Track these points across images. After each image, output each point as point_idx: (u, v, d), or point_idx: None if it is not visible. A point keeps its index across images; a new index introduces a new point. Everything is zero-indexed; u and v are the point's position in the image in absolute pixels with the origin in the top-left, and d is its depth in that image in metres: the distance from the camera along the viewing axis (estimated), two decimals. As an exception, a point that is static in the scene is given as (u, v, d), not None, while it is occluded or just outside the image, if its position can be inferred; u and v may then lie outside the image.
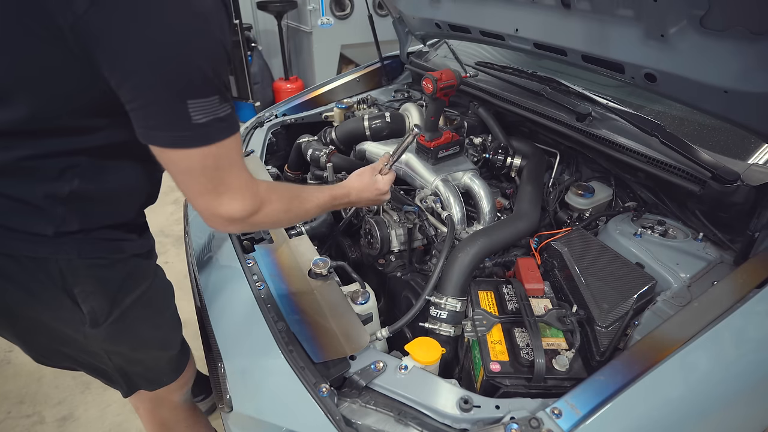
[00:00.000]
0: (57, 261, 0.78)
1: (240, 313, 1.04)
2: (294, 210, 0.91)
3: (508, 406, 0.77)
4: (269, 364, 0.91)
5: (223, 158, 0.71)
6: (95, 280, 0.82)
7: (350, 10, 4.08)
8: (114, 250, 0.84)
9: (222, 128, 0.69)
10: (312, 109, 2.00)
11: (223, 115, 0.68)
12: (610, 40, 1.19)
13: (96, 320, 0.85)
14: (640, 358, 0.78)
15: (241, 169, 0.75)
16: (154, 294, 0.96)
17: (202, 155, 0.68)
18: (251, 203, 0.77)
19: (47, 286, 0.79)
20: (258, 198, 0.78)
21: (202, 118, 0.65)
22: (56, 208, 0.76)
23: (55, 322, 0.85)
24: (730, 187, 1.06)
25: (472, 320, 0.95)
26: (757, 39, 0.91)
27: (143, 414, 1.23)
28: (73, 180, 0.75)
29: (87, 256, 0.80)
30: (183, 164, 0.70)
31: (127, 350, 0.96)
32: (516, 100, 1.56)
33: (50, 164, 0.73)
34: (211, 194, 0.73)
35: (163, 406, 1.20)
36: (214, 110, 0.67)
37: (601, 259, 1.07)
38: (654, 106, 1.45)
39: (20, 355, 2.12)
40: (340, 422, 0.77)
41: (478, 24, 1.59)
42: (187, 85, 0.64)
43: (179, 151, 0.68)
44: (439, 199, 1.32)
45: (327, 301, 1.01)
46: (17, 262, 0.76)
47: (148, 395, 1.12)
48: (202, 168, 0.70)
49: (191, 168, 0.70)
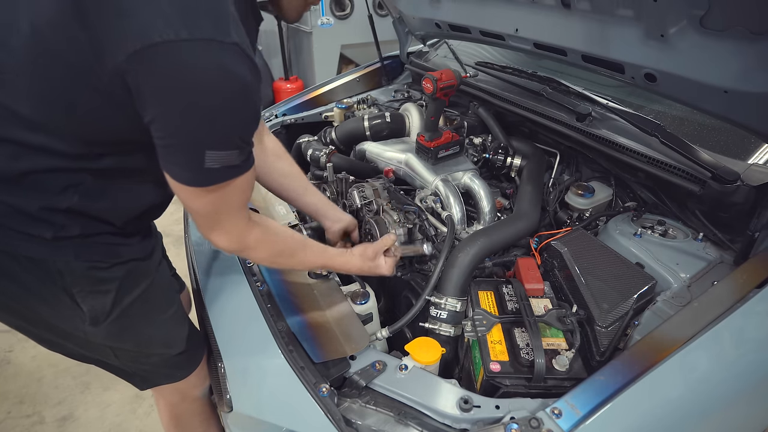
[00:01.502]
0: (55, 262, 0.78)
1: (240, 313, 1.04)
2: (279, 263, 0.99)
3: (508, 406, 0.77)
4: (269, 364, 0.91)
5: (221, 201, 0.77)
6: (94, 282, 0.83)
7: (350, 10, 4.07)
8: (112, 255, 0.85)
9: (230, 173, 0.73)
10: (312, 109, 2.00)
11: (237, 163, 0.72)
12: (610, 40, 1.19)
13: (96, 319, 0.85)
14: (640, 358, 0.79)
15: (237, 215, 0.82)
16: (155, 292, 0.96)
17: (204, 195, 0.74)
18: (236, 246, 0.86)
19: (46, 285, 0.80)
20: (244, 244, 0.86)
21: (214, 165, 0.69)
22: (55, 217, 0.77)
23: (54, 319, 0.86)
24: (730, 187, 1.06)
25: (472, 320, 0.95)
26: (757, 39, 0.91)
27: (162, 406, 1.25)
28: (73, 197, 0.77)
29: (84, 260, 0.81)
30: (188, 200, 0.76)
31: (132, 347, 0.96)
32: (516, 100, 1.56)
33: (54, 180, 0.75)
34: (207, 228, 0.82)
35: (183, 400, 1.20)
36: (229, 160, 0.71)
37: (601, 259, 1.07)
38: (654, 106, 1.45)
39: (20, 355, 2.12)
40: (340, 422, 0.77)
41: (478, 24, 1.59)
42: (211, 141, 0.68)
43: (188, 189, 0.73)
44: (439, 199, 1.32)
45: (327, 301, 1.01)
46: (16, 261, 0.76)
47: (167, 388, 1.12)
48: (202, 207, 0.77)
49: (193, 205, 0.77)
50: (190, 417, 1.26)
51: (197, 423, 1.28)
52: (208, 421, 1.30)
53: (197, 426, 1.29)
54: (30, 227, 0.76)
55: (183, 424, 1.27)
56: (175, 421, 1.26)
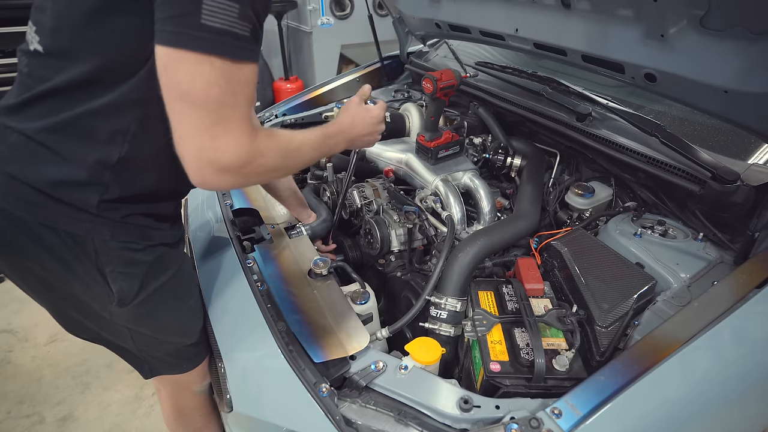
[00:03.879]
0: (93, 240, 0.82)
1: (240, 313, 1.04)
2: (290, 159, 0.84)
3: (508, 406, 0.77)
4: (269, 364, 0.92)
5: (227, 86, 0.65)
6: (125, 263, 0.86)
7: (350, 10, 4.07)
8: (145, 238, 0.87)
9: (235, 47, 0.64)
10: (312, 109, 2.00)
11: (240, 33, 0.63)
12: (610, 40, 1.20)
13: (123, 300, 0.88)
14: (640, 358, 0.79)
15: (245, 111, 0.69)
16: (179, 281, 0.98)
17: (205, 67, 0.62)
18: (247, 152, 0.70)
19: (83, 261, 0.83)
20: (254, 148, 0.71)
21: (214, 22, 0.61)
22: (104, 175, 0.79)
23: (85, 296, 0.89)
24: (730, 187, 1.06)
25: (472, 320, 0.95)
26: (757, 39, 0.91)
27: (164, 397, 1.28)
28: (123, 145, 0.78)
29: (119, 240, 0.83)
30: (185, 82, 0.63)
31: (149, 333, 0.98)
32: (516, 100, 1.56)
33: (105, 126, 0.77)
34: (207, 133, 0.66)
35: (184, 393, 1.23)
36: (230, 20, 0.62)
37: (601, 259, 1.07)
38: (654, 106, 1.45)
39: (20, 355, 2.12)
40: (340, 422, 0.77)
41: (478, 24, 1.59)
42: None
43: (182, 55, 0.62)
44: (439, 199, 1.32)
45: (327, 301, 1.01)
46: (58, 236, 0.80)
47: (170, 380, 1.15)
48: (205, 95, 0.64)
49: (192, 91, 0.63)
50: (191, 411, 1.29)
51: (197, 417, 1.31)
52: (208, 416, 1.32)
53: (197, 420, 1.31)
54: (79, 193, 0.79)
55: (184, 418, 1.30)
56: (176, 413, 1.29)
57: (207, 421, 1.32)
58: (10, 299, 2.44)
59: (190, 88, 0.64)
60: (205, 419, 1.32)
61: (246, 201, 1.36)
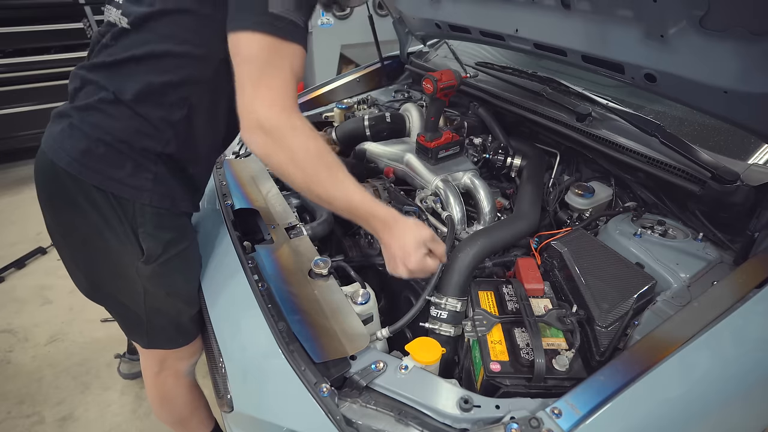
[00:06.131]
0: (134, 204, 0.97)
1: (241, 313, 1.04)
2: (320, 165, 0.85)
3: (508, 406, 0.77)
4: (269, 364, 0.92)
5: (277, 56, 0.81)
6: (155, 226, 1.01)
7: (350, 10, 4.08)
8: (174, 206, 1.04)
9: (290, 31, 0.81)
10: (312, 109, 2.00)
11: (296, 21, 0.81)
12: (610, 40, 1.20)
13: (150, 257, 1.02)
14: (640, 358, 0.79)
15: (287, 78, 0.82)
16: (192, 254, 1.14)
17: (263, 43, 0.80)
18: (278, 115, 0.81)
19: (122, 221, 0.98)
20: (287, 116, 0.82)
21: (276, 10, 0.79)
22: (166, 131, 0.96)
23: (117, 253, 1.01)
24: (730, 187, 1.06)
25: (472, 320, 0.96)
26: (757, 39, 0.91)
27: (149, 379, 1.34)
28: (184, 108, 0.96)
29: (155, 205, 0.99)
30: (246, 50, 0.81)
31: (163, 294, 1.09)
32: (516, 101, 1.56)
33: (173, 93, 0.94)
34: (253, 85, 0.81)
35: (168, 373, 1.30)
36: (289, 10, 0.80)
37: (601, 259, 1.07)
38: (654, 106, 1.45)
39: (20, 355, 2.12)
40: (341, 422, 0.77)
41: (478, 24, 1.59)
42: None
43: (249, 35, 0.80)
44: (439, 199, 1.32)
45: (327, 301, 1.01)
46: (106, 197, 0.95)
47: (157, 358, 1.26)
48: (257, 56, 0.80)
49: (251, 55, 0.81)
50: (174, 397, 1.35)
51: (181, 404, 1.37)
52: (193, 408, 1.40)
53: (181, 408, 1.38)
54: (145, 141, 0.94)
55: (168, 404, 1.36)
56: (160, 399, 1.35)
57: (191, 412, 1.40)
58: (10, 299, 2.44)
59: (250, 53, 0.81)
60: (189, 409, 1.39)
61: (246, 201, 1.36)
